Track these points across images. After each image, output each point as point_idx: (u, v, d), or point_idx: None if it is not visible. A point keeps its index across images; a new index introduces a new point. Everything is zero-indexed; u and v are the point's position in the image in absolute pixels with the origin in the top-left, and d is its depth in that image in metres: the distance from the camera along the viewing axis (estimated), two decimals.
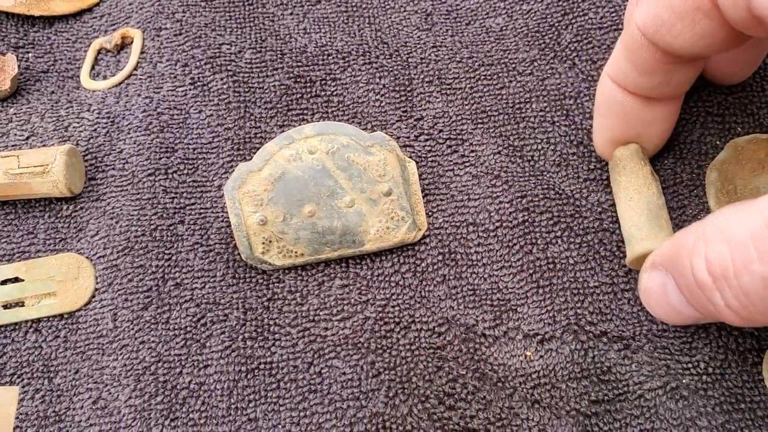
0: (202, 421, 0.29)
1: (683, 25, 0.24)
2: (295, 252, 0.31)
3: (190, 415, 0.29)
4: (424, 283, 0.31)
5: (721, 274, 0.21)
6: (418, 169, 0.33)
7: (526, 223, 0.32)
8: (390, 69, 0.35)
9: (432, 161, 0.33)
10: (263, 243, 0.31)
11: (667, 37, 0.24)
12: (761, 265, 0.20)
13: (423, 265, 0.31)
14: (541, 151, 0.33)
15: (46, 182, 0.32)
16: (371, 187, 0.30)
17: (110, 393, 0.30)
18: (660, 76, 0.27)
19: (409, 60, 0.35)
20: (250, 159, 0.33)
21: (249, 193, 0.30)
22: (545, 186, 0.32)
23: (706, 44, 0.24)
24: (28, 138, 0.35)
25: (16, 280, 0.32)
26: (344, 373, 0.30)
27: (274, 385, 0.30)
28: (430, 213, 0.32)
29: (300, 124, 0.34)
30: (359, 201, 0.30)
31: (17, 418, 0.30)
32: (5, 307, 0.32)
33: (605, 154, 0.31)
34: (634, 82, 0.27)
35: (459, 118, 0.34)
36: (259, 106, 0.34)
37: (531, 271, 0.31)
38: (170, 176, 0.33)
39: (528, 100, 0.34)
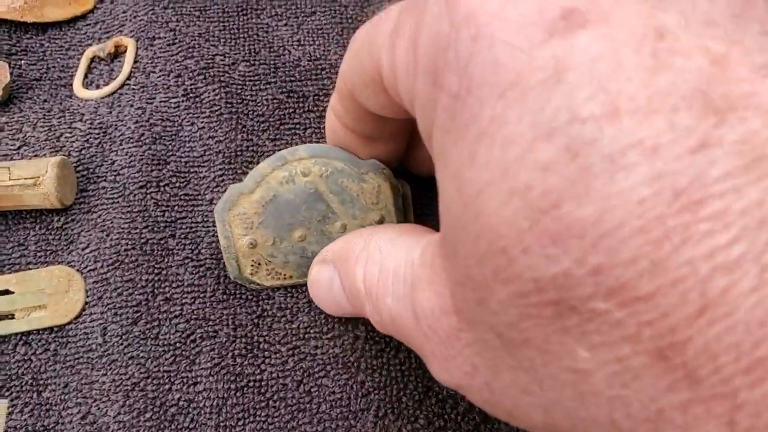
0: None
1: (368, 92, 0.23)
2: (284, 275, 0.31)
3: None
4: None
5: (369, 291, 0.23)
6: (411, 190, 0.32)
7: None
8: None
9: (426, 180, 0.33)
10: (252, 265, 0.30)
11: (361, 98, 0.24)
12: (391, 302, 0.21)
13: None
14: None
15: (37, 194, 0.32)
16: (363, 215, 0.30)
17: (99, 408, 0.30)
18: (370, 124, 0.27)
19: None
20: (242, 173, 0.33)
21: (240, 216, 0.30)
22: None
23: (395, 111, 0.24)
24: (19, 148, 0.34)
25: (6, 292, 0.32)
26: (333, 392, 0.30)
27: (263, 404, 0.30)
28: None
29: (292, 139, 0.34)
30: (351, 227, 0.30)
31: (5, 431, 0.30)
32: None
33: None
34: (350, 123, 0.27)
35: None
36: (252, 119, 0.34)
37: None
38: (162, 189, 0.33)
39: None
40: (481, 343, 0.17)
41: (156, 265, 0.32)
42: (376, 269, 0.22)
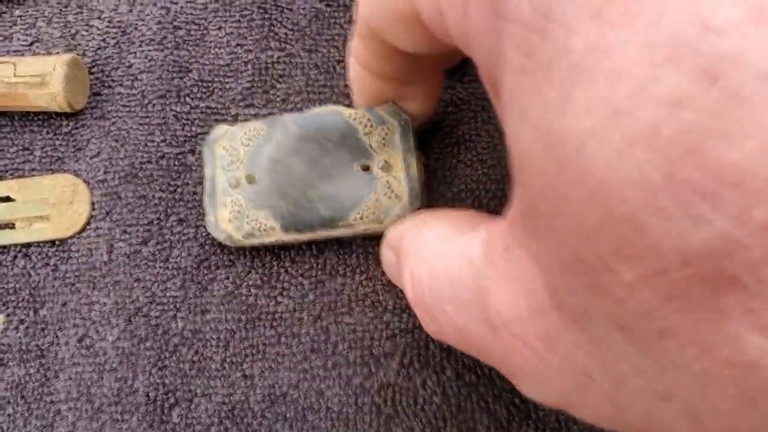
0: (192, 373, 0.26)
1: (399, 29, 0.20)
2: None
3: (180, 365, 0.27)
4: None
5: (421, 299, 0.19)
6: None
7: None
8: None
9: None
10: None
11: (389, 37, 0.21)
12: (453, 310, 0.18)
13: None
14: None
15: (44, 94, 0.29)
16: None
17: (98, 332, 0.27)
18: (401, 63, 0.23)
19: None
20: (271, 87, 0.30)
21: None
22: None
23: (431, 45, 0.20)
24: (32, 44, 0.31)
25: (8, 199, 0.29)
26: (354, 331, 0.27)
27: (274, 340, 0.27)
28: (469, 163, 0.28)
29: (329, 53, 0.30)
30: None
31: None
32: None
33: None
34: (377, 67, 0.24)
35: None
36: (286, 27, 0.31)
37: None
38: (182, 99, 0.30)
39: None
40: (597, 344, 0.14)
41: (172, 182, 0.29)
42: (423, 271, 0.19)
